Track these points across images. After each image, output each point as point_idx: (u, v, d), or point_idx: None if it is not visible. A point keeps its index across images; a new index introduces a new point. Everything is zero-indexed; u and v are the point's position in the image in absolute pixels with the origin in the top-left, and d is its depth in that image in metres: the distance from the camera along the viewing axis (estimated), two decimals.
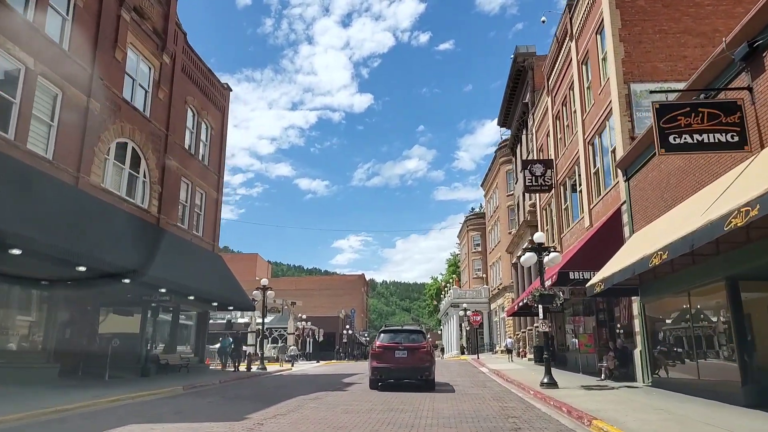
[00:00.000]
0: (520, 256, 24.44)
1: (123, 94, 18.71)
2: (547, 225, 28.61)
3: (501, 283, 50.45)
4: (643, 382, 14.95)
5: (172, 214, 22.19)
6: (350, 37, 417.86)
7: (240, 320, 60.12)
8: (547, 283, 15.44)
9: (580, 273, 16.25)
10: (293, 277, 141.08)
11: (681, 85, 13.36)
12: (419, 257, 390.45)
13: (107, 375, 17.03)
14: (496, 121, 41.43)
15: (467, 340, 49.38)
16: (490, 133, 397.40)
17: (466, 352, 48.18)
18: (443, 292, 75.67)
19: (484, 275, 60.12)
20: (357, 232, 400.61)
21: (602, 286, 13.26)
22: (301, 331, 51.76)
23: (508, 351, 31.27)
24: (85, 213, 15.74)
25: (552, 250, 15.17)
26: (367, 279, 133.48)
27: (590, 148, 20.52)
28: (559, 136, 25.72)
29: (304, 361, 45.66)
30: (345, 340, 69.22)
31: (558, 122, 25.85)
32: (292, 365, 38.78)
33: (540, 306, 14.80)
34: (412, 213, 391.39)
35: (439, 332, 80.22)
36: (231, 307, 26.23)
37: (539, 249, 15.00)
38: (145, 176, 20.37)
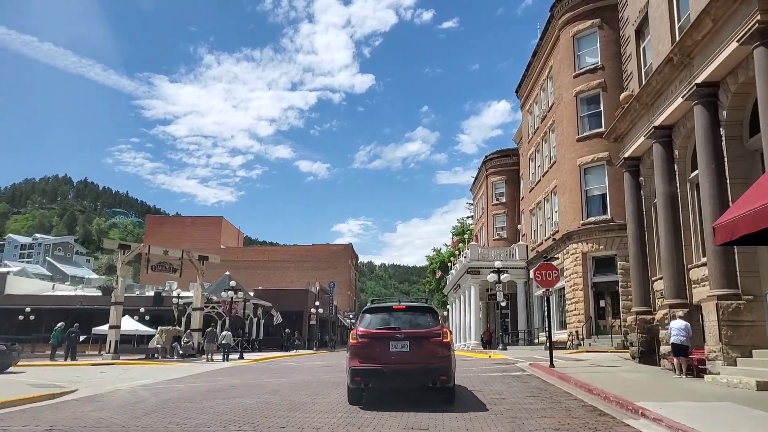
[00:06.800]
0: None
1: None
2: None
3: (557, 230, 30.26)
4: None
5: None
6: (351, 14, 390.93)
7: (185, 293, 40.45)
8: None
9: None
10: (265, 246, 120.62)
11: None
12: (420, 242, 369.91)
13: None
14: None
15: (502, 325, 29.13)
16: (497, 115, 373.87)
17: (500, 345, 28.03)
18: (451, 263, 55.44)
19: (520, 227, 39.93)
20: (356, 216, 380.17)
21: None
22: (227, 307, 31.71)
23: (681, 350, 11.15)
24: None
25: None
26: (365, 262, 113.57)
27: None
28: None
29: (234, 354, 25.98)
30: (313, 322, 49.15)
31: None
32: (225, 359, 23.53)
33: None
34: (413, 197, 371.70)
35: (445, 314, 60.01)
36: None
37: None
38: None
